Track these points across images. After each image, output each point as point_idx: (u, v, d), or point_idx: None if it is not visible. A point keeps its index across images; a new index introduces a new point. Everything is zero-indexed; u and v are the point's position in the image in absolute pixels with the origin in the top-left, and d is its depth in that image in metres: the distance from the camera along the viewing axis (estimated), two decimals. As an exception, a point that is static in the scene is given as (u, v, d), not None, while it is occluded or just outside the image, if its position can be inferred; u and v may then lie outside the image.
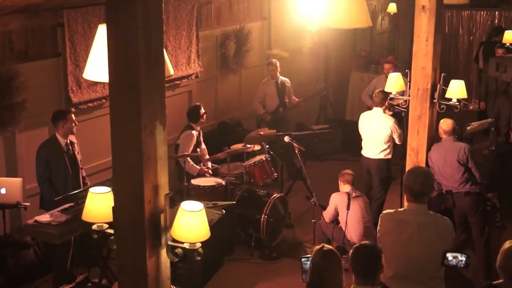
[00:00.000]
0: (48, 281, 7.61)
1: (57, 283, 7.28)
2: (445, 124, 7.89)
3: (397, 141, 9.05)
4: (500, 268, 4.71)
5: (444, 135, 7.87)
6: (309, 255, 4.99)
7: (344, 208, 8.06)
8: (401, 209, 5.97)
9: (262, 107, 11.36)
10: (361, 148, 9.28)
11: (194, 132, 9.22)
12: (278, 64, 11.29)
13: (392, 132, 8.94)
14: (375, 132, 9.01)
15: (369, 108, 11.21)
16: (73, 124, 7.55)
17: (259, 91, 11.43)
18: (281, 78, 11.40)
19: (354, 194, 8.18)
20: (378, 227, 5.69)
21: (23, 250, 7.65)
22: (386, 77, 11.32)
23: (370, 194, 9.08)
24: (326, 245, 4.87)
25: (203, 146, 9.57)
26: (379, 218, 5.72)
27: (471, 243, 8.11)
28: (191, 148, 9.16)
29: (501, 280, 4.72)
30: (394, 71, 11.19)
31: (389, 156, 9.10)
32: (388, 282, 5.50)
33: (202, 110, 9.32)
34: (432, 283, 5.47)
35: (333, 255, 4.78)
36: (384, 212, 5.74)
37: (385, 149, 9.00)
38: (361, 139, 9.26)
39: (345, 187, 8.28)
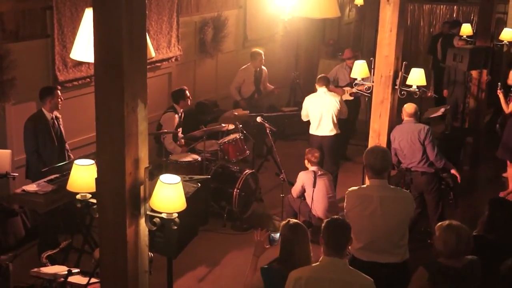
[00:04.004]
0: (34, 247, 7.57)
1: (42, 248, 7.23)
2: (409, 107, 7.96)
3: (343, 116, 9.27)
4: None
5: (407, 117, 7.94)
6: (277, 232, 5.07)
7: (310, 185, 8.10)
8: (364, 185, 6.03)
9: (238, 93, 11.14)
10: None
11: (176, 114, 9.19)
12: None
13: (341, 106, 9.11)
14: (327, 110, 9.12)
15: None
16: (59, 100, 7.52)
17: (238, 77, 11.13)
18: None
19: (319, 173, 8.22)
20: (345, 204, 5.74)
21: (11, 217, 7.61)
22: (347, 66, 11.39)
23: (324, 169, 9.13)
24: (291, 219, 4.94)
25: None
26: (345, 196, 5.76)
27: (425, 218, 8.21)
28: (173, 129, 9.15)
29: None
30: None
31: (338, 131, 9.28)
32: (357, 253, 5.58)
33: (187, 93, 9.29)
34: (397, 251, 5.55)
35: (300, 227, 4.83)
36: (349, 189, 5.79)
37: (335, 125, 9.19)
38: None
39: (311, 163, 8.28)
